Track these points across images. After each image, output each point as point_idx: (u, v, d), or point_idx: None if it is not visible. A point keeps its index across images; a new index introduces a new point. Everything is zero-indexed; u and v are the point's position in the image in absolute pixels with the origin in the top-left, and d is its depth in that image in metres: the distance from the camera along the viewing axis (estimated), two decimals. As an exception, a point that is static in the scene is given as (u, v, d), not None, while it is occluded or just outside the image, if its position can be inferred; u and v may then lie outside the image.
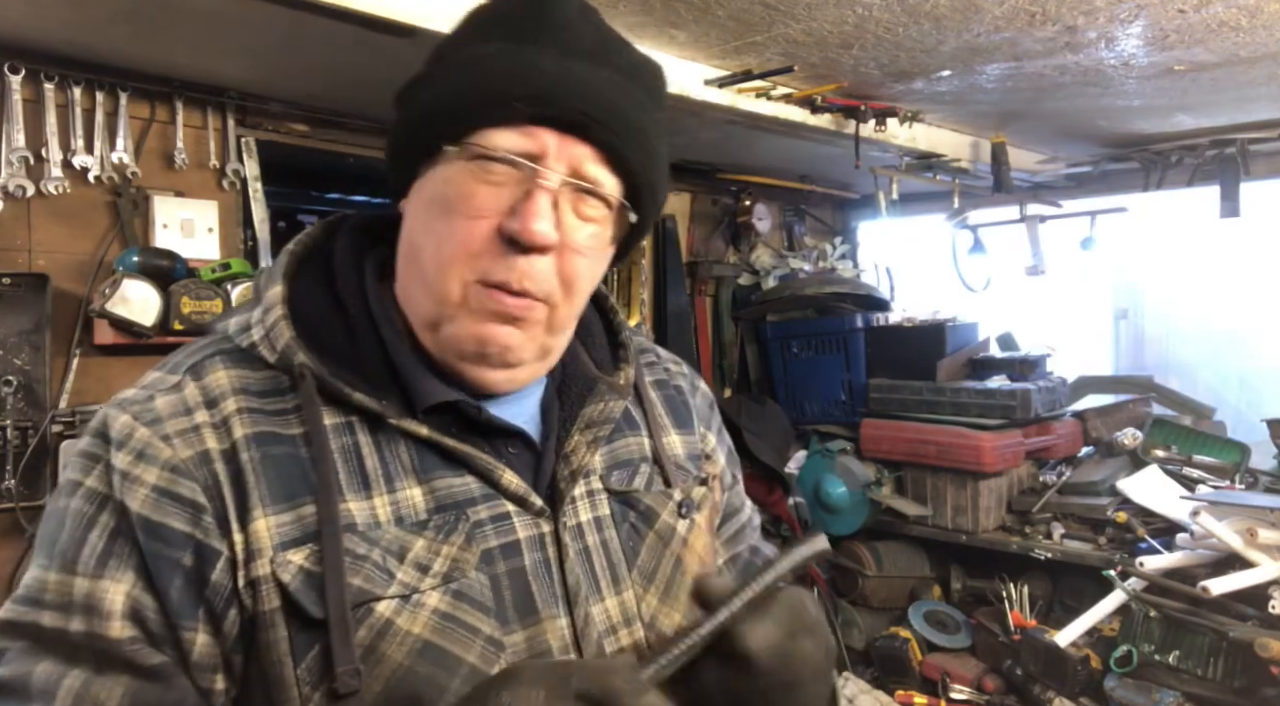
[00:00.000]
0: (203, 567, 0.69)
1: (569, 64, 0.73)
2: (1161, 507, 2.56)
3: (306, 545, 0.70)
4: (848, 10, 1.77)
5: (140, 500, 0.68)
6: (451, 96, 0.73)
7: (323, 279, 0.81)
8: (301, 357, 0.74)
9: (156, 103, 2.13)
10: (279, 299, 0.77)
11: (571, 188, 0.75)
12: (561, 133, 0.73)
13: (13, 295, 1.91)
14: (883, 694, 2.71)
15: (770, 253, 3.74)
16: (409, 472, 0.75)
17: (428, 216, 0.76)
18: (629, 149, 0.76)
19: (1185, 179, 3.10)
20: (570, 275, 0.77)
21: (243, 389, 0.74)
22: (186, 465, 0.70)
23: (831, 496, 3.04)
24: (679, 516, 0.89)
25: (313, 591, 0.69)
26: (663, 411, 0.97)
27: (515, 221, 0.72)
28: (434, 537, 0.74)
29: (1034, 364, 3.06)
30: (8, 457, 1.88)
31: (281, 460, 0.72)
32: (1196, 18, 1.83)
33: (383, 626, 0.70)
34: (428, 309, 0.76)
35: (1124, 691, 2.23)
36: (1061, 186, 3.49)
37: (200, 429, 0.72)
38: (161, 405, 0.72)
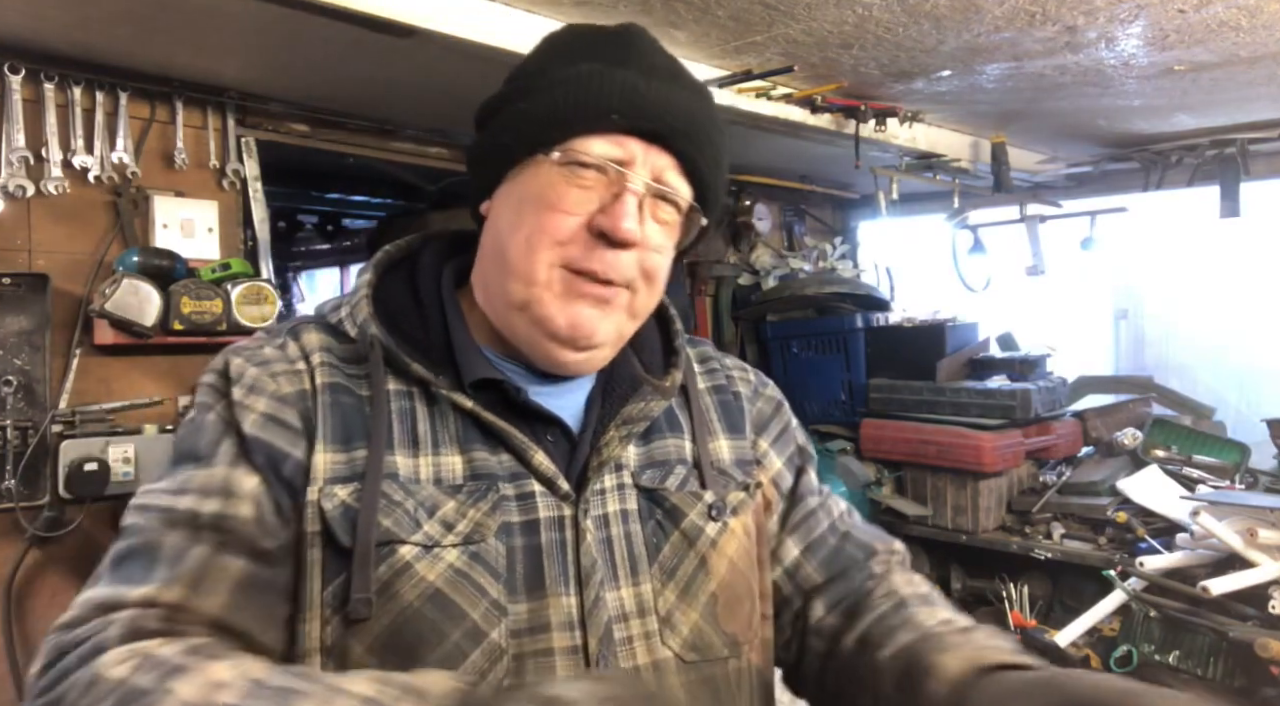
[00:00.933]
0: (296, 480, 0.79)
1: (653, 83, 0.83)
2: (1161, 507, 2.56)
3: (352, 483, 0.79)
4: (848, 10, 1.77)
5: (252, 421, 0.80)
6: (549, 108, 0.82)
7: (407, 278, 0.93)
8: (374, 330, 0.85)
9: (156, 103, 2.13)
10: (367, 284, 0.89)
11: (653, 192, 0.84)
12: (647, 143, 0.83)
13: (13, 295, 1.91)
14: (883, 694, 2.71)
15: (770, 253, 3.74)
16: (453, 441, 0.84)
17: (518, 213, 0.84)
18: (703, 159, 0.86)
19: (1185, 179, 3.10)
20: (650, 268, 0.86)
21: (328, 349, 0.86)
22: (290, 397, 0.82)
23: (831, 496, 3.04)
24: (709, 518, 0.91)
25: (347, 522, 0.77)
26: (715, 416, 1.01)
27: (606, 219, 0.81)
28: (464, 501, 0.81)
29: (1034, 364, 3.06)
30: (8, 457, 1.88)
31: (347, 409, 0.82)
32: (1196, 18, 1.83)
33: (402, 567, 0.77)
34: (516, 291, 0.84)
35: (1124, 691, 2.23)
36: (1061, 186, 3.49)
37: (300, 373, 0.84)
38: (269, 352, 0.85)
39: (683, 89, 0.86)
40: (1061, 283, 3.56)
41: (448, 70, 1.94)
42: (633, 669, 0.82)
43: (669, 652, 0.85)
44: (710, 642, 0.87)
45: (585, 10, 1.75)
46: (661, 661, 0.84)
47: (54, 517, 1.93)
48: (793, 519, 1.03)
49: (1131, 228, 3.35)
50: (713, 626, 0.88)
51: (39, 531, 1.91)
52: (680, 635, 0.86)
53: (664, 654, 0.84)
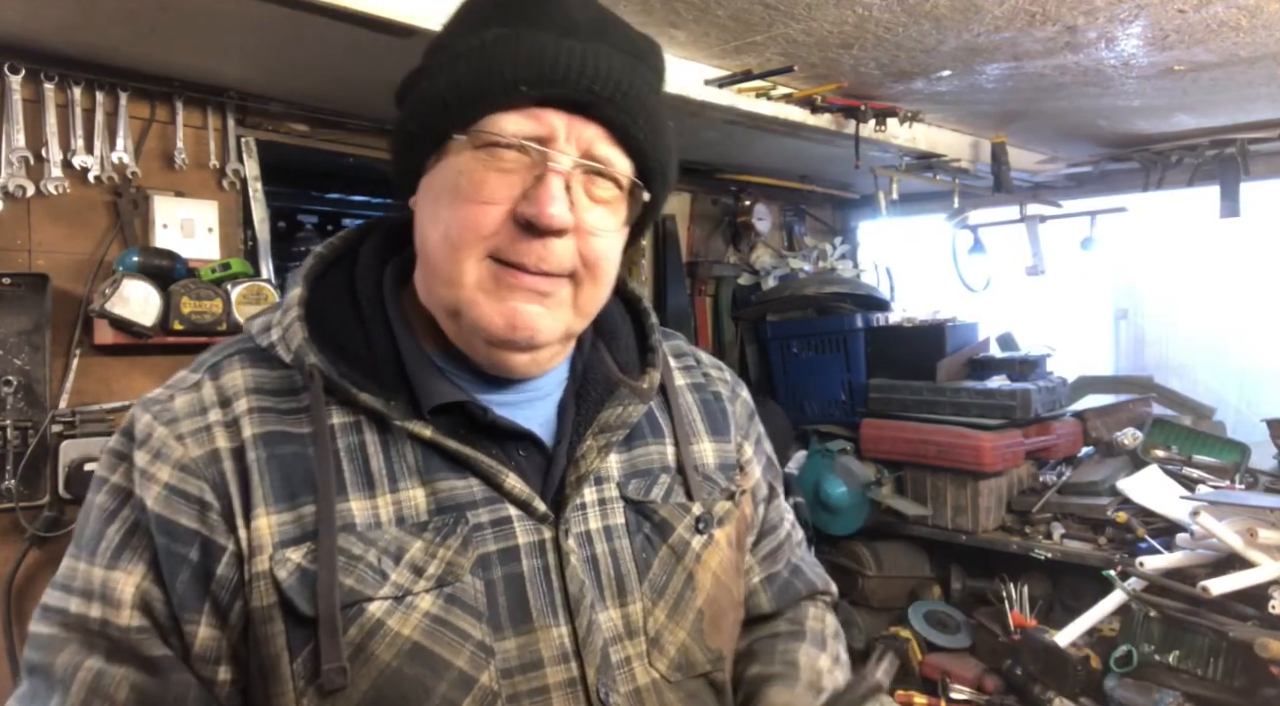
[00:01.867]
0: (208, 562, 0.71)
1: (570, 43, 0.72)
2: (1161, 507, 2.56)
3: (305, 543, 0.71)
4: (848, 10, 1.77)
5: (154, 497, 0.71)
6: (453, 86, 0.73)
7: (345, 282, 0.82)
8: (312, 358, 0.75)
9: (156, 103, 2.13)
10: (297, 300, 0.78)
11: (583, 169, 0.74)
12: (569, 114, 0.73)
13: (13, 295, 1.91)
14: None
15: (770, 253, 3.74)
16: (413, 473, 0.76)
17: (437, 207, 0.75)
18: (638, 127, 0.75)
19: (1185, 179, 3.10)
20: (591, 256, 0.76)
21: (257, 388, 0.76)
22: (196, 464, 0.72)
23: (831, 496, 3.04)
24: (695, 531, 0.86)
25: (306, 589, 0.70)
26: (697, 416, 0.95)
27: (530, 206, 0.72)
28: (432, 539, 0.74)
29: (1034, 364, 3.06)
30: (8, 457, 1.88)
31: (287, 459, 0.73)
32: (1196, 18, 1.83)
33: (373, 626, 0.71)
34: (446, 295, 0.75)
35: (1124, 691, 2.23)
36: (1061, 186, 3.49)
37: (211, 428, 0.74)
38: (179, 404, 0.75)
39: (607, 46, 0.74)
40: (1061, 283, 3.56)
41: (448, 70, 1.94)
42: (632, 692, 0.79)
43: (656, 674, 0.81)
44: (695, 660, 0.84)
45: (585, 10, 1.75)
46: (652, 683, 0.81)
47: (54, 517, 1.93)
48: (763, 547, 1.02)
49: (1131, 228, 3.35)
50: (699, 643, 0.85)
51: (39, 531, 1.91)
52: (667, 656, 0.82)
53: (653, 676, 0.81)
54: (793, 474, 3.21)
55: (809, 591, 1.05)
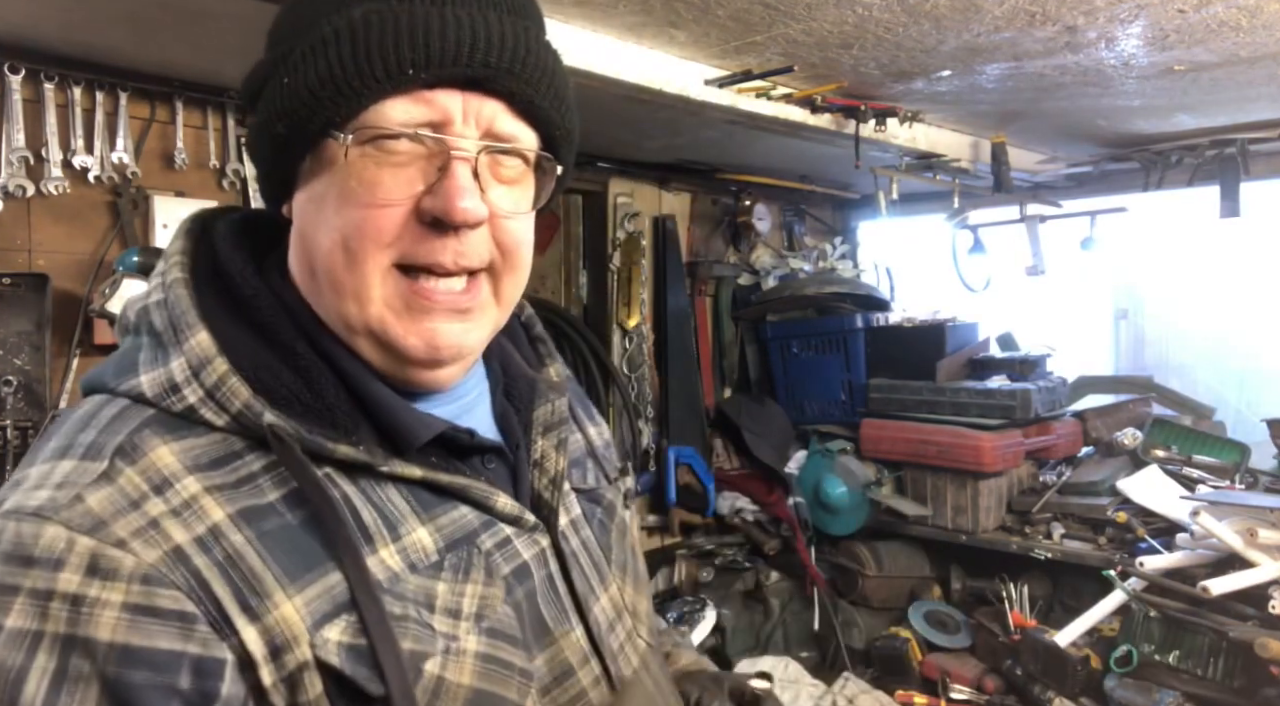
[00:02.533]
0: (205, 685, 0.57)
1: (453, 11, 0.63)
2: (1161, 507, 2.56)
3: (341, 616, 0.61)
4: (848, 10, 1.77)
5: (111, 626, 0.55)
6: (326, 77, 0.62)
7: (230, 306, 0.68)
8: (270, 417, 0.63)
9: (156, 103, 2.13)
10: (212, 348, 0.64)
11: (488, 150, 0.66)
12: (464, 91, 0.64)
13: (13, 295, 1.91)
14: (883, 694, 2.71)
15: (770, 253, 3.74)
16: (409, 515, 0.68)
17: (323, 213, 0.65)
18: (542, 95, 0.67)
19: (1185, 179, 3.10)
20: (508, 243, 0.69)
21: (194, 465, 0.62)
22: (159, 570, 0.57)
23: (831, 496, 3.04)
24: (625, 507, 0.92)
25: (363, 666, 0.60)
26: (577, 404, 0.96)
27: (437, 201, 0.63)
28: (453, 578, 0.68)
29: (1034, 364, 3.06)
30: (8, 457, 1.88)
31: (278, 532, 0.62)
32: (1196, 18, 1.83)
33: (435, 686, 0.64)
34: (350, 313, 0.66)
35: (1124, 691, 2.23)
36: (1061, 186, 3.49)
37: (159, 522, 0.59)
38: (96, 503, 0.58)
39: (493, 8, 0.65)
40: (1061, 283, 3.56)
41: (448, 70, 1.94)
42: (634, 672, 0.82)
43: (643, 643, 0.85)
44: (655, 623, 0.93)
45: (585, 10, 1.75)
46: (643, 653, 0.84)
47: (54, 517, 1.93)
48: None
49: (1131, 228, 3.35)
50: (651, 605, 0.92)
51: (39, 531, 1.91)
52: (644, 623, 0.87)
53: (641, 646, 0.85)
54: (793, 474, 3.21)
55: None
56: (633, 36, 1.93)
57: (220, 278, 0.69)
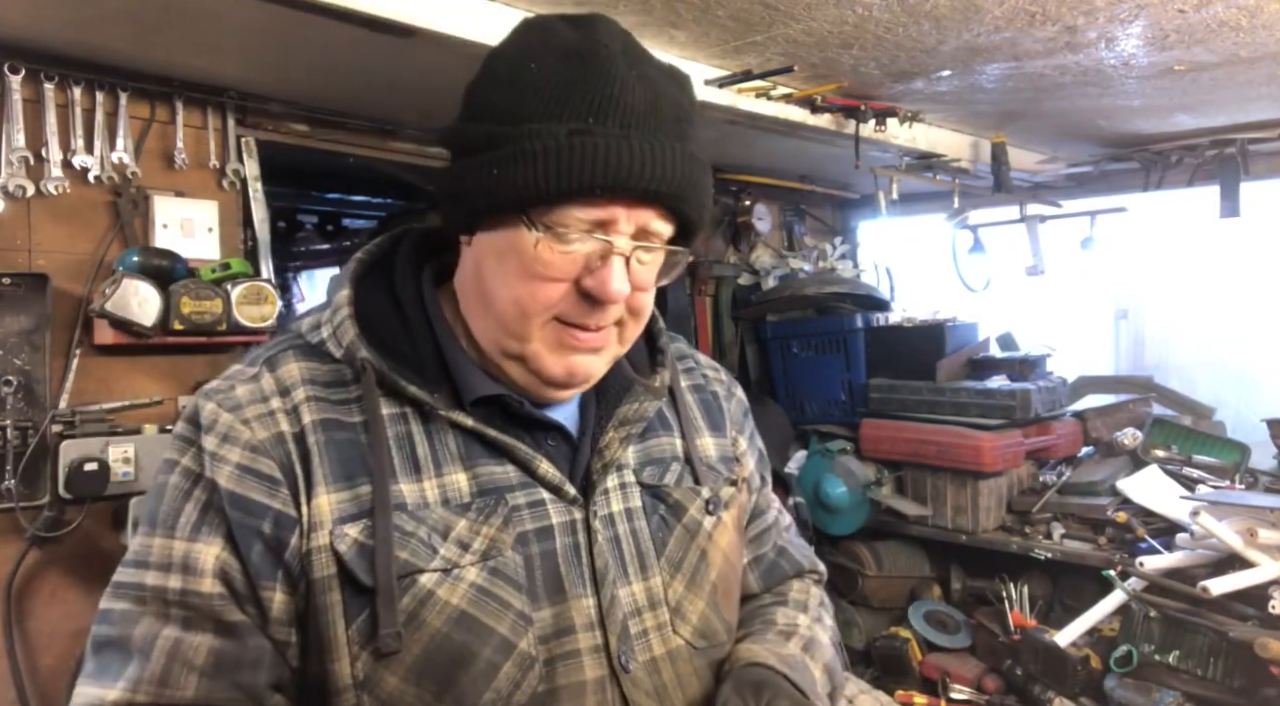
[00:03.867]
0: (280, 533, 0.78)
1: (636, 142, 0.78)
2: (1161, 507, 2.56)
3: (361, 520, 0.78)
4: (848, 10, 1.77)
5: (226, 476, 0.78)
6: (531, 183, 0.77)
7: (385, 285, 0.90)
8: (364, 353, 0.83)
9: (156, 103, 2.13)
10: (346, 301, 0.86)
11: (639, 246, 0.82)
12: (628, 204, 0.80)
13: (13, 295, 1.91)
14: (883, 694, 2.71)
15: (770, 253, 3.74)
16: (455, 459, 0.84)
17: (503, 271, 0.82)
18: (690, 207, 0.83)
19: (1185, 179, 3.10)
20: (637, 307, 0.86)
21: (311, 380, 0.83)
22: (264, 445, 0.79)
23: (831, 496, 3.04)
24: (706, 513, 0.96)
25: (364, 561, 0.77)
26: (698, 414, 1.04)
27: (594, 282, 0.80)
28: (475, 519, 0.82)
29: (1034, 364, 3.06)
30: (8, 457, 1.88)
31: (343, 444, 0.81)
32: (1196, 18, 1.83)
33: (424, 596, 0.78)
34: (510, 346, 0.84)
35: (1124, 691, 2.23)
36: (1061, 186, 3.49)
37: (275, 414, 0.81)
38: (241, 393, 0.82)
39: (663, 136, 0.80)
40: (1061, 283, 3.56)
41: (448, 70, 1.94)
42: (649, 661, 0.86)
43: (681, 641, 0.90)
44: (715, 629, 0.93)
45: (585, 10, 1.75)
46: (675, 650, 0.89)
47: (54, 517, 1.93)
48: (752, 530, 1.11)
49: (1131, 228, 3.35)
50: (716, 614, 0.94)
51: (39, 531, 1.91)
52: (690, 623, 0.91)
53: (676, 642, 0.89)
54: (793, 474, 3.21)
55: (795, 571, 1.14)
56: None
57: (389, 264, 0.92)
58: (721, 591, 0.95)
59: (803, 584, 1.13)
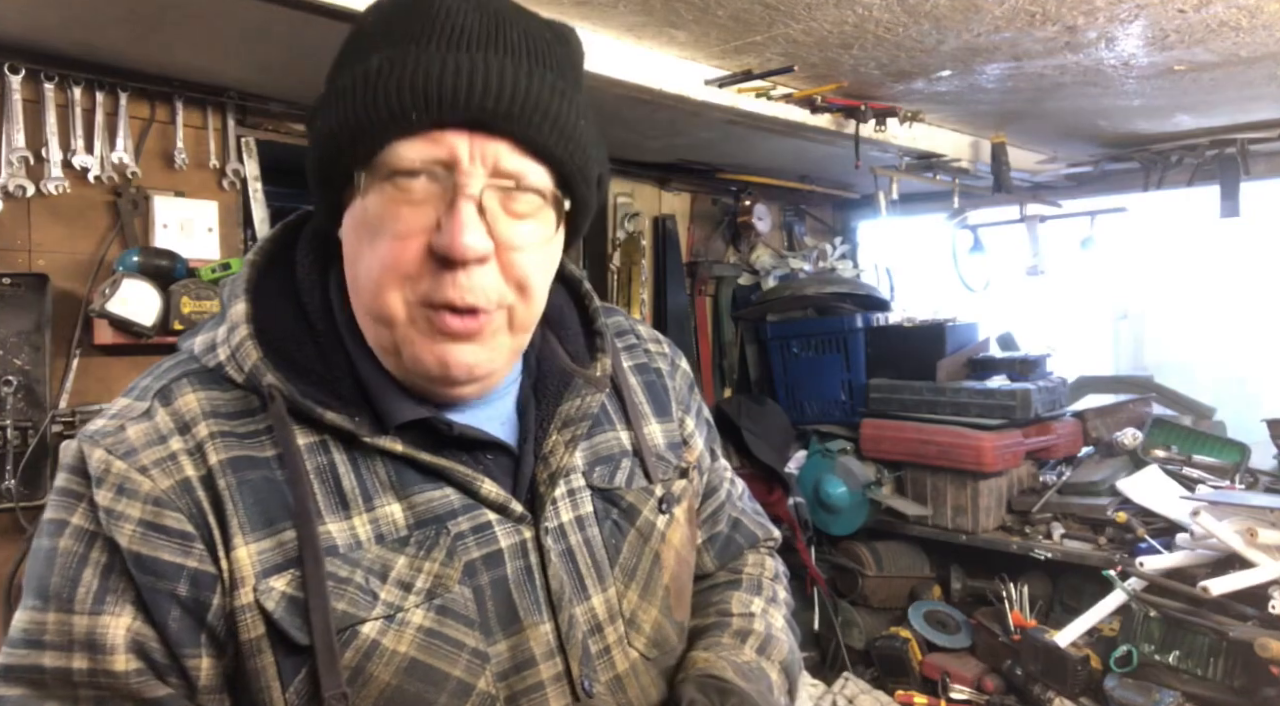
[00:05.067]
0: (199, 594, 0.68)
1: (457, 57, 0.68)
2: (1161, 507, 2.56)
3: (289, 571, 0.69)
4: (848, 10, 1.77)
5: (128, 535, 0.67)
6: (344, 122, 0.69)
7: (288, 291, 0.78)
8: (270, 378, 0.72)
9: (156, 103, 2.13)
10: (244, 317, 0.74)
11: (495, 188, 0.70)
12: (470, 132, 0.69)
13: (13, 295, 1.91)
14: (883, 694, 2.71)
15: (770, 253, 3.74)
16: (387, 489, 0.74)
17: (358, 243, 0.72)
18: (545, 135, 0.71)
19: (1185, 179, 3.10)
20: (520, 276, 0.73)
21: (213, 412, 0.72)
22: (168, 495, 0.69)
23: (831, 496, 3.04)
24: (659, 512, 0.89)
25: (297, 617, 0.68)
26: (642, 399, 0.95)
27: (442, 237, 0.68)
28: (415, 554, 0.73)
29: (1034, 364, 3.06)
30: (8, 457, 1.88)
31: (258, 485, 0.71)
32: (1196, 18, 1.83)
33: (369, 647, 0.70)
34: (381, 335, 0.74)
35: (1124, 691, 2.23)
36: (1061, 186, 3.49)
37: (176, 457, 0.70)
38: (134, 435, 0.70)
39: (499, 53, 0.69)
40: (1061, 283, 3.56)
41: (448, 70, 1.94)
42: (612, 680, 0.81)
43: (635, 653, 0.84)
44: (667, 635, 0.88)
45: (585, 10, 1.75)
46: (633, 663, 0.83)
47: (54, 517, 1.93)
48: (705, 509, 1.04)
49: (1131, 228, 3.35)
50: (668, 618, 0.88)
51: (39, 531, 1.91)
52: (644, 634, 0.85)
53: (634, 655, 0.83)
54: (793, 474, 3.21)
55: (750, 543, 1.08)
56: (632, 36, 1.93)
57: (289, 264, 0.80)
58: (674, 593, 0.89)
59: (757, 557, 1.08)
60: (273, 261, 0.80)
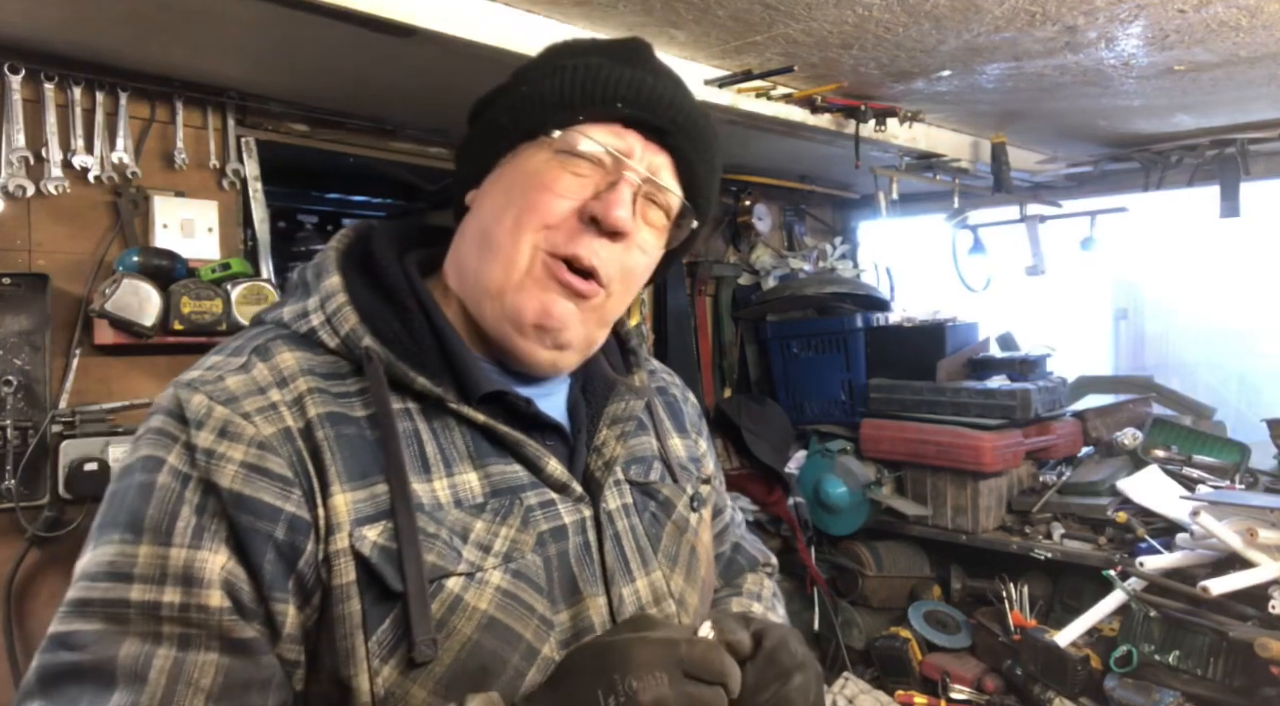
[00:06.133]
0: (295, 539, 0.71)
1: (659, 81, 0.83)
2: (1161, 507, 2.56)
3: (381, 522, 0.73)
4: (848, 10, 1.77)
5: (230, 476, 0.69)
6: (556, 91, 0.80)
7: (367, 276, 0.84)
8: (368, 341, 0.77)
9: (156, 103, 2.13)
10: (339, 287, 0.80)
11: (645, 190, 0.83)
12: (646, 138, 0.82)
13: (13, 295, 1.91)
14: (883, 694, 2.71)
15: (770, 253, 3.74)
16: (465, 458, 0.80)
17: (508, 195, 0.81)
18: (700, 162, 0.85)
19: (1185, 179, 3.10)
20: (630, 267, 0.84)
21: (309, 370, 0.77)
22: (271, 441, 0.71)
23: (831, 496, 3.04)
24: (691, 509, 0.97)
25: (390, 565, 0.71)
26: (665, 416, 1.05)
27: (600, 204, 0.79)
28: (491, 520, 0.78)
29: (1034, 364, 3.06)
30: (8, 457, 1.88)
31: (353, 440, 0.75)
32: (1196, 18, 1.83)
33: (453, 601, 0.73)
34: (494, 277, 0.80)
35: (1124, 691, 2.23)
36: (1061, 186, 3.49)
37: (277, 407, 0.73)
38: (234, 384, 0.74)
39: (686, 95, 0.86)
40: (1061, 283, 3.56)
41: (448, 70, 1.94)
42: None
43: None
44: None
45: (585, 10, 1.75)
46: None
47: (54, 517, 1.93)
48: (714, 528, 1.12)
49: (1131, 227, 3.35)
50: (705, 608, 0.96)
51: (39, 531, 1.91)
52: (689, 614, 0.91)
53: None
54: (793, 474, 3.21)
55: (750, 565, 1.17)
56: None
57: (365, 257, 0.85)
58: (707, 584, 0.97)
59: (756, 577, 1.16)
60: (349, 252, 0.86)
